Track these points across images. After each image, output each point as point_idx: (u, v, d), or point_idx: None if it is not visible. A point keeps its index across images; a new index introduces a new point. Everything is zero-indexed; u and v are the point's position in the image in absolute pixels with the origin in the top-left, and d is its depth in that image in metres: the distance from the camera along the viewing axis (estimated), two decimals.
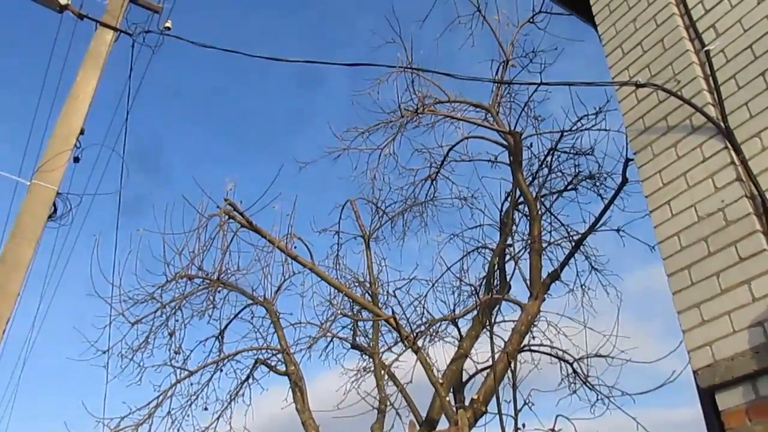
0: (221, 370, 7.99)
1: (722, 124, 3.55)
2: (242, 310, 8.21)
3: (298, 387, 7.47)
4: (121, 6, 6.93)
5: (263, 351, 8.03)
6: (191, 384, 7.78)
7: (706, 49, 3.84)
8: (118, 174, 7.10)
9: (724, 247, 3.31)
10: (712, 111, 3.65)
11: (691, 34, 4.03)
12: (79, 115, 6.44)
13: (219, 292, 7.89)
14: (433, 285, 8.24)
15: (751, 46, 3.61)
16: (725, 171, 3.45)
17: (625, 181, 7.03)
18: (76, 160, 6.61)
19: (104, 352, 7.33)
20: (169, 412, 7.52)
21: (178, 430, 7.56)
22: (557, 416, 6.48)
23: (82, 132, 6.53)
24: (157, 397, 7.46)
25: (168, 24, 7.68)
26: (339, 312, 7.52)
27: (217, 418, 7.79)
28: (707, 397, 3.30)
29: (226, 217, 7.18)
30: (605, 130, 7.51)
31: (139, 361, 7.61)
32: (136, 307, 7.55)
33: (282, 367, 7.83)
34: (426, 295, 8.23)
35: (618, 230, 7.46)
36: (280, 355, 7.90)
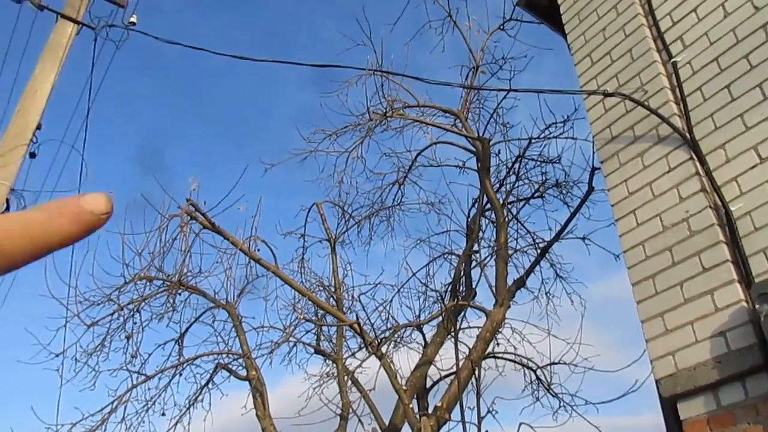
0: (180, 375, 7.78)
1: (688, 135, 3.58)
2: (203, 313, 8.02)
3: (258, 392, 7.32)
4: None
5: (224, 355, 7.87)
6: (148, 389, 7.55)
7: (673, 60, 3.88)
8: (83, 170, 6.85)
9: (687, 257, 3.33)
10: (678, 122, 3.68)
11: (658, 45, 4.06)
12: (36, 109, 6.22)
13: (179, 294, 7.68)
14: (398, 290, 8.18)
15: (717, 59, 3.65)
16: (690, 181, 3.48)
17: (591, 189, 7.08)
18: (33, 155, 6.38)
19: (58, 355, 7.07)
20: (123, 418, 7.30)
21: None
22: (521, 424, 6.49)
23: (39, 127, 6.30)
24: (112, 402, 7.23)
25: (133, 19, 7.50)
26: (302, 317, 7.39)
27: (175, 424, 7.57)
28: (669, 406, 3.31)
29: (188, 217, 7.01)
30: (572, 138, 7.56)
31: (94, 365, 7.36)
32: (93, 309, 7.28)
33: (243, 372, 7.68)
34: (391, 301, 8.16)
35: (583, 238, 7.51)
36: (241, 360, 7.74)
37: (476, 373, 6.40)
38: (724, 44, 3.65)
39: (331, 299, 8.28)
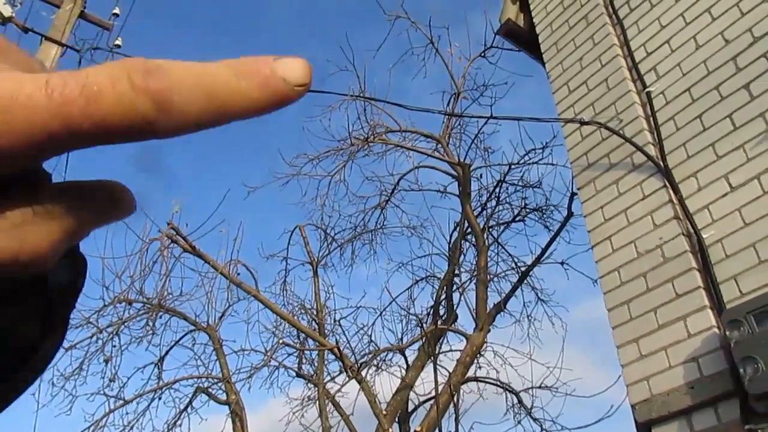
0: (159, 399, 7.68)
1: (661, 163, 3.66)
2: (184, 336, 7.95)
3: (238, 417, 7.24)
4: (67, 21, 6.75)
5: (204, 379, 7.79)
6: (126, 413, 7.45)
7: (647, 90, 3.97)
8: None
9: (661, 284, 3.39)
10: (652, 150, 3.76)
11: (633, 75, 4.16)
12: None
13: (160, 317, 7.63)
14: (380, 314, 8.18)
15: (689, 89, 3.75)
16: (664, 209, 3.55)
17: (570, 214, 7.17)
18: None
19: None
20: None
21: None
22: None
23: None
24: (89, 427, 7.11)
25: (118, 42, 7.55)
26: (281, 342, 7.36)
27: None
28: (644, 431, 3.33)
29: (169, 241, 6.99)
30: (552, 164, 7.68)
31: (71, 389, 7.26)
32: (71, 332, 7.21)
33: (223, 396, 7.60)
34: (373, 324, 8.17)
35: (562, 263, 7.57)
36: (221, 384, 7.67)
37: (455, 397, 6.40)
38: (696, 75, 3.75)
39: (313, 322, 8.25)
